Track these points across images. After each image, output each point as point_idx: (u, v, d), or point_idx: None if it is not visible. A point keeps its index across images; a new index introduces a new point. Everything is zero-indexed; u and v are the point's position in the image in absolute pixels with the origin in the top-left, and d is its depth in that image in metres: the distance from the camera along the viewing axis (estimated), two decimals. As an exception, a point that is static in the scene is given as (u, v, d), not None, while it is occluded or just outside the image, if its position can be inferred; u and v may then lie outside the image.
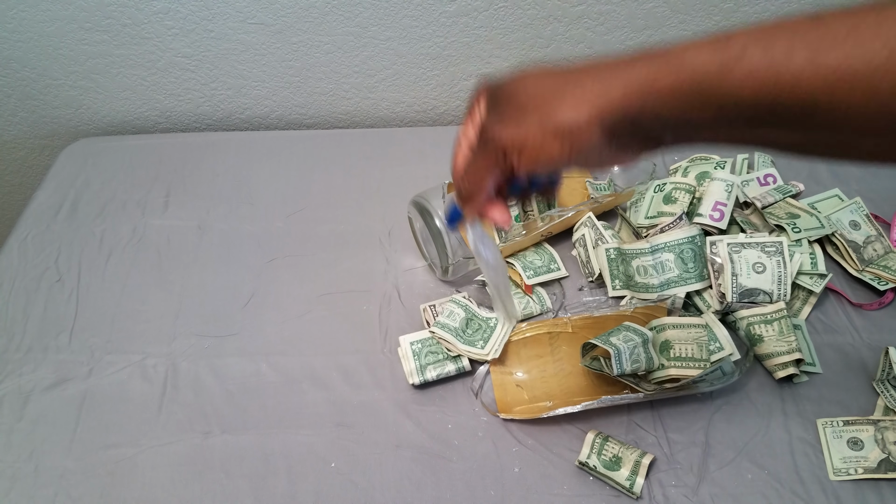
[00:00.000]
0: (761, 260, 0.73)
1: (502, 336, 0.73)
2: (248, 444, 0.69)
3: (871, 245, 0.79)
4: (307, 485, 0.66)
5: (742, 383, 0.71)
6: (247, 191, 0.95)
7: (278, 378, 0.74)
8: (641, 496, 0.64)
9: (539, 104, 0.37)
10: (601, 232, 0.81)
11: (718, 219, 0.78)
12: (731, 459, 0.66)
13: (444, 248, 0.75)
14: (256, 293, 0.82)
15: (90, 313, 0.81)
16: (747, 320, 0.72)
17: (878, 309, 0.77)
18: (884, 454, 0.64)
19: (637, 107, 0.35)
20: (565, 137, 0.36)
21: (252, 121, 1.10)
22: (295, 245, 0.88)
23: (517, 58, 1.00)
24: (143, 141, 1.04)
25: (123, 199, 0.94)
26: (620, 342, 0.67)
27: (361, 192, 0.94)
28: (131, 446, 0.69)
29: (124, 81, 1.03)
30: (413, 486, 0.65)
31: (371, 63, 1.01)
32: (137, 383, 0.74)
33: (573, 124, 0.36)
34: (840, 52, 0.30)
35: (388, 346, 0.76)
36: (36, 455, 0.68)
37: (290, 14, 0.94)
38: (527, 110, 0.37)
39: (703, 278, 0.75)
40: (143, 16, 0.94)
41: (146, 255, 0.87)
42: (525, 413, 0.69)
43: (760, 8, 0.94)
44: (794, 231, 0.78)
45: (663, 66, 0.34)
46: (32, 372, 0.75)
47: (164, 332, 0.79)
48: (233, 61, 1.01)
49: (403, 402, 0.71)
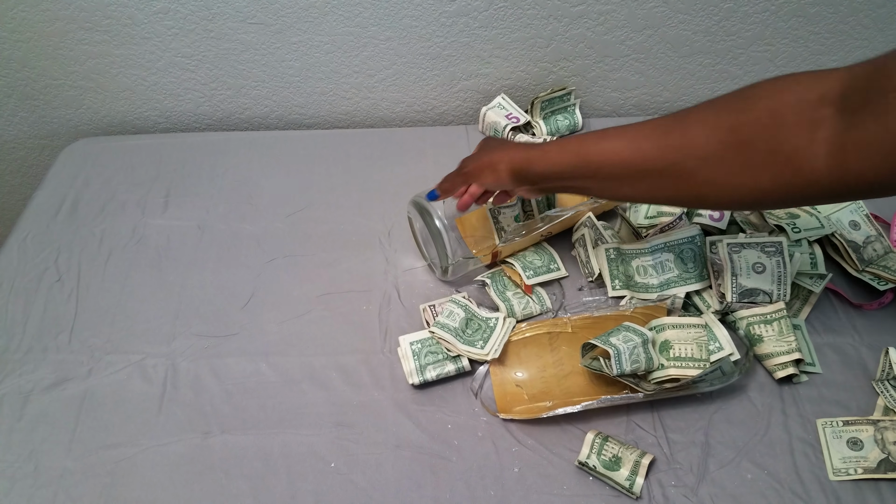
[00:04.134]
0: (761, 260, 0.73)
1: (502, 336, 0.73)
2: (248, 444, 0.69)
3: (870, 245, 0.79)
4: (307, 485, 0.66)
5: (742, 383, 0.71)
6: (247, 191, 0.95)
7: (278, 378, 0.74)
8: (641, 496, 0.64)
9: (488, 154, 0.68)
10: (601, 232, 0.81)
11: (718, 219, 0.78)
12: (731, 459, 0.66)
13: (443, 248, 0.75)
14: (256, 293, 0.82)
15: (90, 313, 0.81)
16: (747, 320, 0.72)
17: (878, 309, 0.77)
18: (883, 454, 0.64)
19: (525, 166, 0.64)
20: (494, 172, 0.66)
21: (252, 121, 1.10)
22: (295, 245, 0.88)
23: (517, 58, 1.00)
24: (143, 141, 1.04)
25: (123, 199, 0.94)
26: (620, 342, 0.67)
27: (361, 192, 0.94)
28: (131, 446, 0.69)
29: (124, 81, 1.03)
30: (413, 486, 0.65)
31: (371, 63, 1.01)
32: (137, 383, 0.74)
33: (498, 166, 0.66)
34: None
35: (387, 346, 0.76)
36: (36, 455, 0.68)
37: (290, 14, 0.94)
38: (481, 156, 0.68)
39: (703, 278, 0.75)
40: (143, 16, 0.94)
41: (146, 255, 0.87)
42: (525, 413, 0.69)
43: (760, 7, 0.94)
44: (793, 231, 0.78)
45: (538, 151, 0.64)
46: (32, 372, 0.75)
47: (164, 332, 0.79)
48: (233, 61, 1.01)
49: (403, 402, 0.71)
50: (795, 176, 0.48)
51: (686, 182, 0.54)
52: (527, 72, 1.03)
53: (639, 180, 0.56)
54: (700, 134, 0.52)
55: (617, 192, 0.61)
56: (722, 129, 0.51)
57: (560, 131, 1.00)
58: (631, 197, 0.62)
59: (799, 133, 0.47)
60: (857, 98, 0.44)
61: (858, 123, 0.43)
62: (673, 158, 0.53)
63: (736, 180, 0.51)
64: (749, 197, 0.52)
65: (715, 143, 0.51)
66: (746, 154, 0.49)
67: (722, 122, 0.51)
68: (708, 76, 1.04)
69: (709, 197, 0.55)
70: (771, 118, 0.48)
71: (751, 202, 0.54)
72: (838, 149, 0.45)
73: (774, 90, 0.49)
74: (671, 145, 0.54)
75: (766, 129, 0.48)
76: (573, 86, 1.02)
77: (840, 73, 0.47)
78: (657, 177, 0.55)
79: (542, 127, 1.00)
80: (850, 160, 0.44)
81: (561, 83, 1.03)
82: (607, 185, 0.59)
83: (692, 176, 0.53)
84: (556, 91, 1.00)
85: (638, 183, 0.57)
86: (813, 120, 0.46)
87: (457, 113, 1.09)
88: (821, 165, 0.46)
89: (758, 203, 0.55)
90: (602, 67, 1.02)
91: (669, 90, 1.06)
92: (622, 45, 0.99)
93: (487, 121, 1.00)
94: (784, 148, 0.48)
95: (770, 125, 0.48)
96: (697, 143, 0.52)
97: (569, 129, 1.01)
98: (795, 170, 0.47)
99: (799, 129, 0.47)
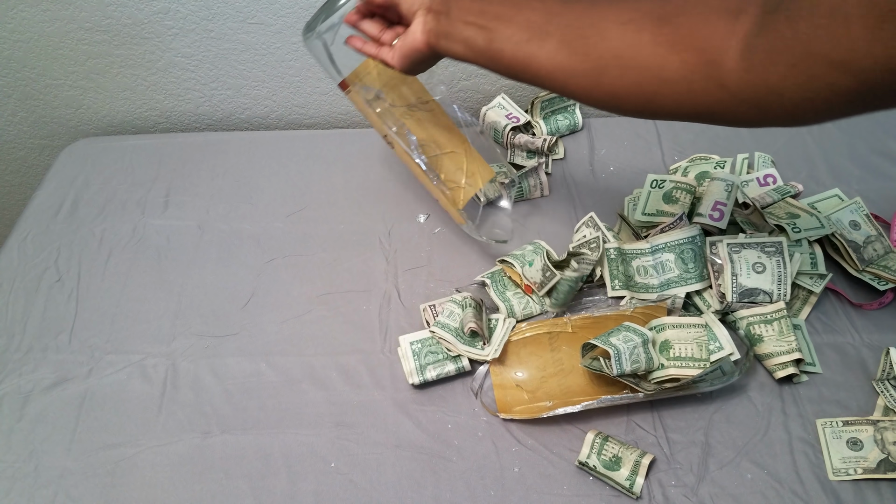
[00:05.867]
0: (761, 260, 0.73)
1: (502, 336, 0.73)
2: (248, 444, 0.69)
3: (871, 245, 0.79)
4: (307, 485, 0.66)
5: (742, 383, 0.71)
6: (247, 191, 0.95)
7: (278, 378, 0.74)
8: (641, 496, 0.64)
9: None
10: (602, 232, 0.81)
11: (718, 218, 0.78)
12: (731, 459, 0.66)
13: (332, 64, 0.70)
14: (256, 293, 0.82)
15: (90, 313, 0.81)
16: (747, 320, 0.72)
17: (878, 309, 0.77)
18: (883, 454, 0.64)
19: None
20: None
21: (252, 121, 1.10)
22: (295, 245, 0.88)
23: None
24: (143, 141, 1.04)
25: (123, 199, 0.94)
26: (620, 342, 0.67)
27: (361, 192, 0.94)
28: (131, 446, 0.69)
29: (124, 81, 1.03)
30: (413, 486, 0.65)
31: (371, 63, 1.01)
32: (137, 383, 0.74)
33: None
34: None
35: (387, 346, 0.76)
36: (36, 455, 0.68)
37: (290, 14, 0.94)
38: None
39: (703, 278, 0.75)
40: (143, 16, 0.94)
41: (146, 255, 0.87)
42: (525, 413, 0.69)
43: (760, 8, 0.94)
44: (794, 231, 0.78)
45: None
46: (32, 372, 0.75)
47: (164, 332, 0.79)
48: (233, 61, 1.01)
49: (403, 402, 0.71)
50: (707, 66, 0.43)
51: (595, 47, 0.49)
52: (527, 72, 1.02)
53: (549, 37, 0.51)
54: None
55: (524, 49, 0.53)
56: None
57: (560, 131, 1.00)
58: (536, 58, 0.52)
59: (720, 17, 0.43)
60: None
61: (772, 24, 0.39)
62: (588, 17, 0.49)
63: (646, 58, 0.46)
64: (650, 84, 0.47)
65: (634, 11, 0.47)
66: (664, 28, 0.45)
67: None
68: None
69: (610, 73, 0.49)
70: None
71: (648, 95, 0.48)
72: (751, 50, 0.41)
73: None
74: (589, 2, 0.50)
75: (689, 4, 0.45)
76: (573, 86, 1.02)
77: None
78: (569, 39, 0.50)
79: (542, 127, 1.00)
80: (758, 64, 0.40)
81: (561, 83, 1.03)
82: (521, 35, 0.53)
83: (603, 40, 0.48)
84: (556, 91, 1.00)
85: (547, 42, 0.51)
86: (735, 8, 0.42)
87: (457, 113, 1.09)
88: (732, 63, 0.42)
89: (649, 99, 0.49)
90: (602, 67, 1.02)
91: (669, 90, 1.06)
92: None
93: (487, 121, 1.00)
94: (701, 30, 0.44)
95: (695, 2, 0.45)
96: (619, 6, 0.48)
97: (569, 129, 1.01)
98: (706, 60, 0.43)
99: (720, 13, 0.43)
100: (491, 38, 0.55)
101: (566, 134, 1.01)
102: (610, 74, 0.50)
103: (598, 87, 0.51)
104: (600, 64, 0.49)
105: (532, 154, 0.97)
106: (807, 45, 0.37)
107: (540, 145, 0.95)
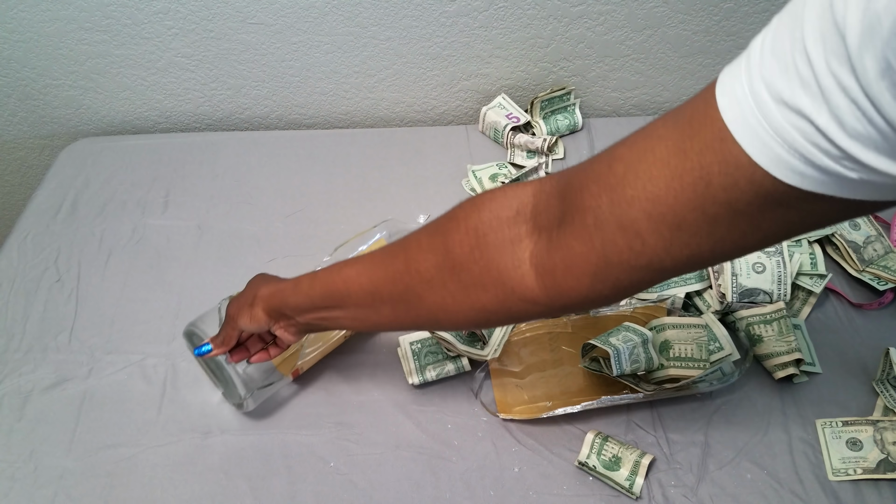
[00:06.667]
0: (761, 260, 0.73)
1: (502, 336, 0.73)
2: (248, 444, 0.69)
3: (871, 245, 0.79)
4: (307, 485, 0.66)
5: (742, 383, 0.71)
6: (246, 191, 0.95)
7: (278, 378, 0.74)
8: (641, 496, 0.64)
9: (245, 292, 0.63)
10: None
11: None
12: (731, 459, 0.66)
13: (233, 386, 0.67)
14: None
15: (90, 313, 0.81)
16: (747, 320, 0.72)
17: (877, 309, 0.77)
18: (883, 454, 0.64)
19: (279, 298, 0.60)
20: (250, 310, 0.60)
21: (252, 121, 1.10)
22: (295, 245, 0.88)
23: (517, 58, 1.00)
24: (143, 141, 1.04)
25: (123, 199, 0.94)
26: (620, 342, 0.67)
27: (361, 192, 0.94)
28: (131, 446, 0.69)
29: (124, 81, 1.03)
30: (413, 487, 0.65)
31: (371, 63, 1.01)
32: (137, 383, 0.74)
33: (253, 303, 0.61)
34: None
35: (387, 345, 0.76)
36: (36, 455, 0.68)
37: (290, 14, 0.94)
38: (239, 296, 0.63)
39: (703, 278, 0.75)
40: (143, 16, 0.94)
41: (146, 255, 0.87)
42: (525, 413, 0.69)
43: (760, 7, 0.94)
44: (793, 231, 0.78)
45: (290, 283, 0.60)
46: (32, 372, 0.75)
47: (164, 332, 0.79)
48: (233, 61, 1.01)
49: (403, 403, 0.71)
50: (512, 295, 0.45)
51: (419, 307, 0.51)
52: (527, 72, 1.03)
53: (381, 307, 0.54)
54: (420, 258, 0.50)
55: (367, 321, 0.57)
56: (437, 251, 0.49)
57: (560, 131, 1.00)
58: (381, 324, 0.57)
59: (503, 252, 0.45)
60: (551, 215, 0.42)
61: (562, 242, 0.41)
62: (403, 284, 0.51)
63: (462, 303, 0.48)
64: (480, 317, 0.49)
65: (433, 267, 0.49)
66: (462, 276, 0.47)
67: (436, 244, 0.49)
68: (708, 76, 1.04)
69: (443, 320, 0.52)
70: (475, 238, 0.46)
71: (484, 322, 0.51)
72: (547, 270, 0.43)
73: (473, 209, 0.47)
74: (398, 270, 0.51)
75: (474, 249, 0.46)
76: (573, 86, 1.02)
77: (532, 186, 0.45)
78: (395, 303, 0.52)
79: (542, 127, 1.00)
80: (560, 280, 0.42)
81: (561, 83, 1.03)
82: (358, 312, 0.56)
83: (423, 300, 0.51)
84: (555, 91, 1.00)
85: (382, 309, 0.54)
86: (512, 238, 0.45)
87: (457, 113, 1.09)
88: (533, 285, 0.44)
89: (491, 323, 0.52)
90: (602, 67, 1.02)
91: (669, 90, 1.06)
92: (622, 45, 0.99)
93: (487, 121, 1.00)
94: (493, 268, 0.46)
95: (476, 245, 0.46)
96: (420, 268, 0.50)
97: (569, 129, 1.01)
98: (510, 290, 0.45)
99: (502, 248, 0.45)
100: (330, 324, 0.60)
101: (566, 134, 1.01)
102: (446, 324, 0.57)
103: (436, 326, 0.64)
104: (430, 318, 0.53)
105: (532, 154, 0.97)
106: (606, 257, 0.39)
107: (540, 145, 0.95)
